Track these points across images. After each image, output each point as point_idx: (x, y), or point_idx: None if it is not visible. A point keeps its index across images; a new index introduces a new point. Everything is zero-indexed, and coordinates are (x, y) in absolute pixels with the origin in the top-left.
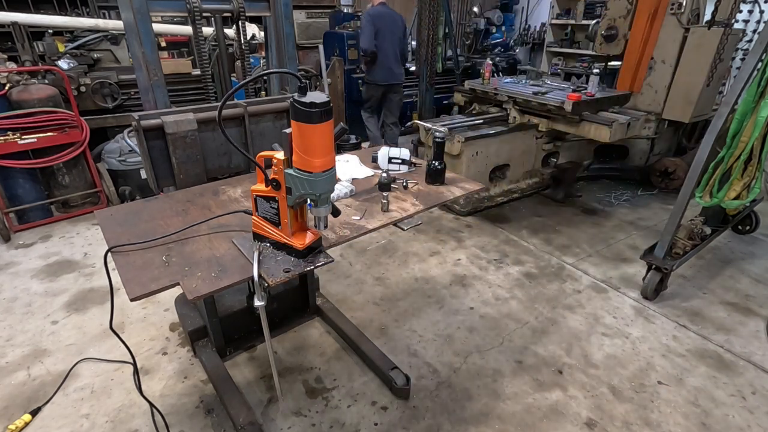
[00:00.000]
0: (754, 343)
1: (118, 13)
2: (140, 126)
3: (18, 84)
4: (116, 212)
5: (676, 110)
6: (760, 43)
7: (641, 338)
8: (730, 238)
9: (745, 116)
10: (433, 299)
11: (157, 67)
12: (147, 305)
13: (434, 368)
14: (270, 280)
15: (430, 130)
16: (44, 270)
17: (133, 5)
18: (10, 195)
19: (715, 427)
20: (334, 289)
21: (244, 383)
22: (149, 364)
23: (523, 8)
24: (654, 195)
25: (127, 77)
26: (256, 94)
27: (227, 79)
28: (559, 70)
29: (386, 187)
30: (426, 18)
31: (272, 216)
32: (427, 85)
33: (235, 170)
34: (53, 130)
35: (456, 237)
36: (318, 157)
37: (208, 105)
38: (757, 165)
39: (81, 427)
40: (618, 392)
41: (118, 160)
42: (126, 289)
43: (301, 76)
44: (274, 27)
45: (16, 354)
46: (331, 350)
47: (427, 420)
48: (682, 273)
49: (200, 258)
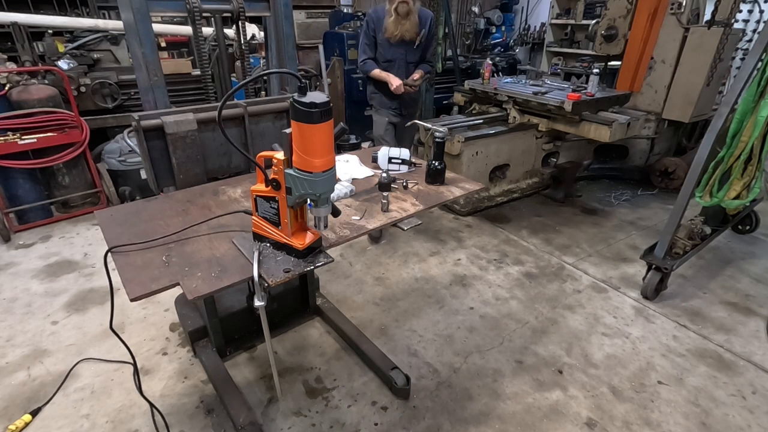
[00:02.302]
0: (754, 342)
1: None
2: (140, 126)
3: (18, 84)
4: (116, 212)
5: (676, 110)
6: (760, 42)
7: (641, 338)
8: (730, 237)
9: (745, 116)
10: (433, 299)
11: (157, 67)
12: (147, 305)
13: (434, 368)
14: (270, 280)
15: (430, 130)
16: (44, 270)
17: (133, 5)
18: (10, 195)
19: (715, 426)
20: (334, 289)
21: (244, 383)
22: (149, 365)
23: (523, 8)
24: (654, 195)
25: (127, 77)
26: (256, 94)
27: (227, 79)
28: (559, 70)
29: (386, 187)
30: None
31: (272, 216)
32: (427, 85)
33: (235, 170)
34: (53, 131)
35: (456, 237)
36: (318, 157)
37: (208, 105)
38: (757, 165)
39: (81, 427)
40: (618, 392)
41: (118, 160)
42: (126, 290)
43: (301, 76)
44: (274, 27)
45: (16, 354)
46: (331, 350)
47: (427, 420)
48: (682, 273)
49: (200, 258)
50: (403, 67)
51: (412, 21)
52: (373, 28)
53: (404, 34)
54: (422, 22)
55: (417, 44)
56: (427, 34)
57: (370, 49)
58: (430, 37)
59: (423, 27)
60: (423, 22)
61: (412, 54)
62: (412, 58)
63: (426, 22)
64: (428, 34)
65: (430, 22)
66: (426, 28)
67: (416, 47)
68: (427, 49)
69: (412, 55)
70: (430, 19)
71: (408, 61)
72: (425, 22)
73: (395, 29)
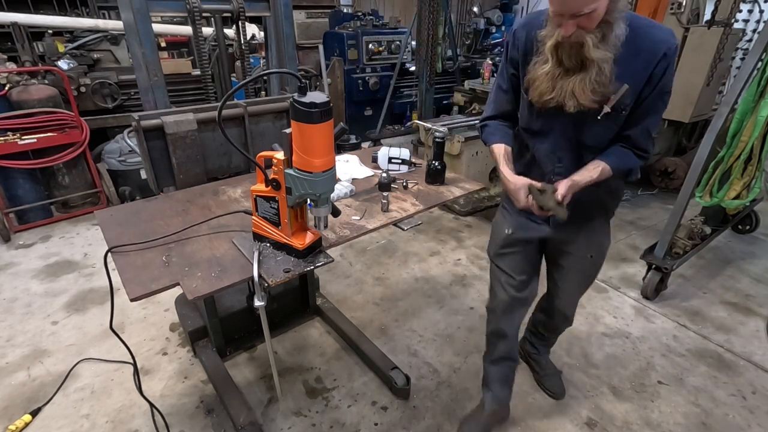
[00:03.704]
0: (754, 342)
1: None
2: (140, 126)
3: (18, 84)
4: (116, 212)
5: (676, 110)
6: (760, 42)
7: (641, 338)
8: (730, 237)
9: (744, 116)
10: (433, 299)
11: (157, 67)
12: (147, 305)
13: (434, 368)
14: (270, 280)
15: (430, 130)
16: (44, 270)
17: (133, 5)
18: (10, 195)
19: (715, 426)
20: (334, 289)
21: (244, 383)
22: (149, 365)
23: (523, 8)
24: (654, 195)
25: (127, 77)
26: (256, 94)
27: (227, 79)
28: None
29: (386, 187)
30: (426, 18)
31: (272, 216)
32: (427, 85)
33: (235, 170)
34: (53, 131)
35: (456, 237)
36: (318, 157)
37: (208, 105)
38: (757, 164)
39: (81, 427)
40: (618, 392)
41: (118, 161)
42: (126, 290)
43: (301, 76)
44: (274, 27)
45: (16, 354)
46: (331, 350)
47: (427, 420)
48: (682, 273)
49: (200, 258)
50: (564, 150)
51: (592, 75)
52: (520, 53)
53: (567, 99)
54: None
55: (607, 112)
56: (649, 89)
57: (505, 94)
58: (655, 93)
59: (634, 78)
60: (640, 66)
61: (594, 128)
62: (595, 137)
63: (653, 62)
64: (651, 87)
65: (660, 60)
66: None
67: (605, 116)
68: (641, 118)
69: (592, 130)
70: (663, 53)
71: (579, 140)
72: (648, 65)
73: (548, 89)
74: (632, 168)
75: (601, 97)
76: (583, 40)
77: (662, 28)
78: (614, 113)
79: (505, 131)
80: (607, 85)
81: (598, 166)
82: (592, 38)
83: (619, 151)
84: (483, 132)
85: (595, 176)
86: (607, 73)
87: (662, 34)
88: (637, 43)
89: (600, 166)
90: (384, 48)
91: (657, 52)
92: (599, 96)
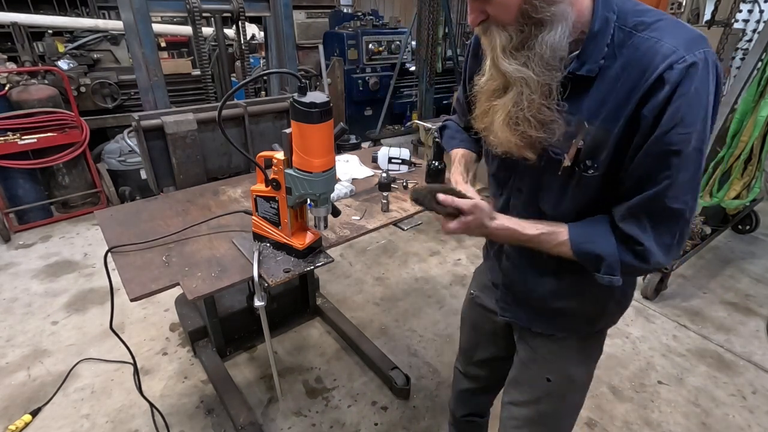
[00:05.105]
0: (754, 342)
1: (118, 14)
2: (140, 126)
3: (18, 84)
4: (116, 212)
5: None
6: (760, 42)
7: (641, 338)
8: (730, 237)
9: (745, 116)
10: (434, 299)
11: (157, 67)
12: (147, 305)
13: (434, 368)
14: (270, 280)
15: (429, 130)
16: (44, 270)
17: (133, 5)
18: (10, 195)
19: (715, 426)
20: (334, 289)
21: (244, 383)
22: (149, 365)
23: None
24: None
25: (127, 77)
26: (256, 94)
27: (227, 79)
28: None
29: (386, 187)
30: (426, 18)
31: (272, 216)
32: (427, 85)
33: (235, 170)
34: (53, 131)
35: (456, 237)
36: (318, 157)
37: (208, 105)
38: (757, 164)
39: (81, 427)
40: (618, 392)
41: (118, 161)
42: (126, 290)
43: (301, 76)
44: (274, 27)
45: (16, 354)
46: (331, 350)
47: (427, 420)
48: (682, 273)
49: (200, 258)
50: (521, 212)
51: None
52: (471, 55)
53: (510, 147)
54: (610, 106)
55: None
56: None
57: (461, 107)
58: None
59: (610, 115)
60: (621, 95)
61: (554, 188)
62: (553, 203)
63: (639, 89)
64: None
65: (652, 86)
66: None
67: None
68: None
69: (551, 192)
70: (658, 74)
71: (537, 204)
72: (632, 93)
73: (483, 112)
74: (605, 258)
75: (534, 142)
76: (490, 39)
77: (673, 32)
78: (578, 171)
79: (459, 136)
80: (541, 125)
81: (548, 227)
82: (500, 39)
83: (597, 224)
84: (442, 135)
85: (529, 235)
86: (528, 103)
87: (668, 43)
88: (627, 53)
89: (552, 228)
90: (384, 48)
91: (647, 72)
92: (528, 139)
